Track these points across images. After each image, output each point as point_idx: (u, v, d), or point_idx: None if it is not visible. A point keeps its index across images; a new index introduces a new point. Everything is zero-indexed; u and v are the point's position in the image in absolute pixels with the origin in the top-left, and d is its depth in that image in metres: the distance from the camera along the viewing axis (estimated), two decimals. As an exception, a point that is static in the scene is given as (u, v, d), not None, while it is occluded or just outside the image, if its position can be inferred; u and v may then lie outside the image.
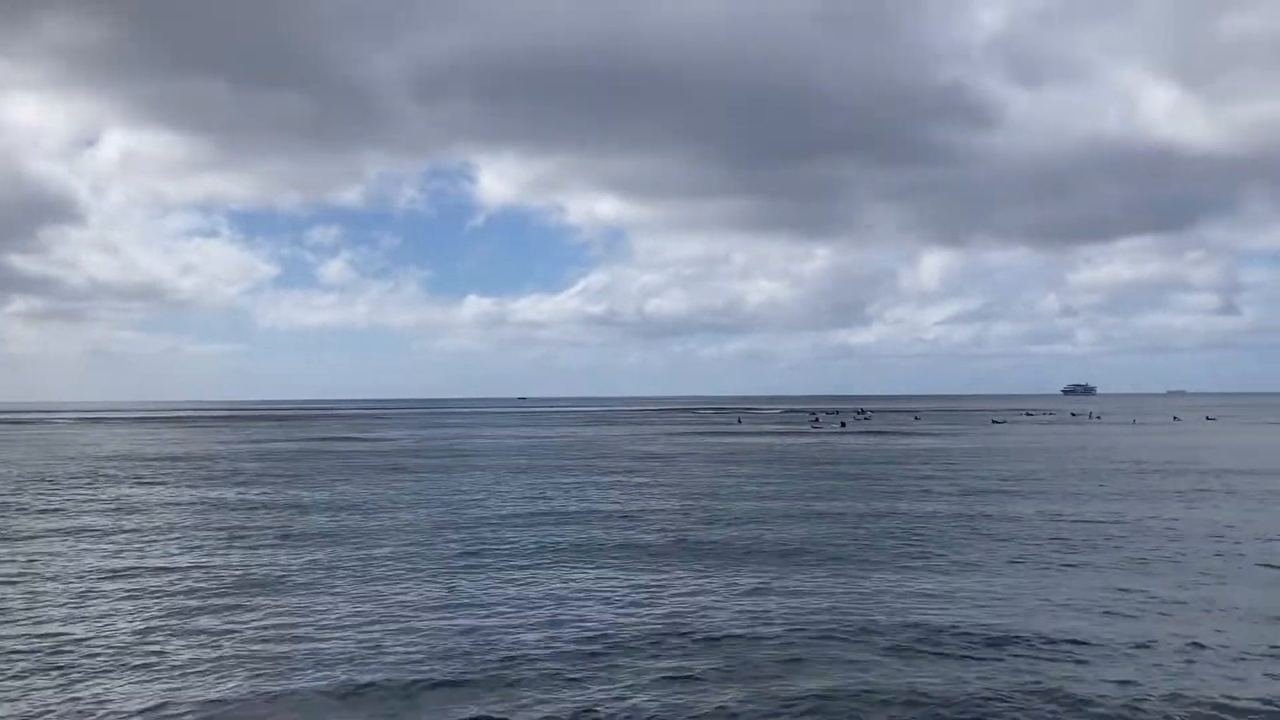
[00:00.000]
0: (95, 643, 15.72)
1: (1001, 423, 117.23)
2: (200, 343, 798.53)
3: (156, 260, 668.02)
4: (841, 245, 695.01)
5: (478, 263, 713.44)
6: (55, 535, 27.59)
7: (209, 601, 18.61)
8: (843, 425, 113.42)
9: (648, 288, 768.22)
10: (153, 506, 34.40)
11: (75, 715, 12.49)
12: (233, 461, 57.84)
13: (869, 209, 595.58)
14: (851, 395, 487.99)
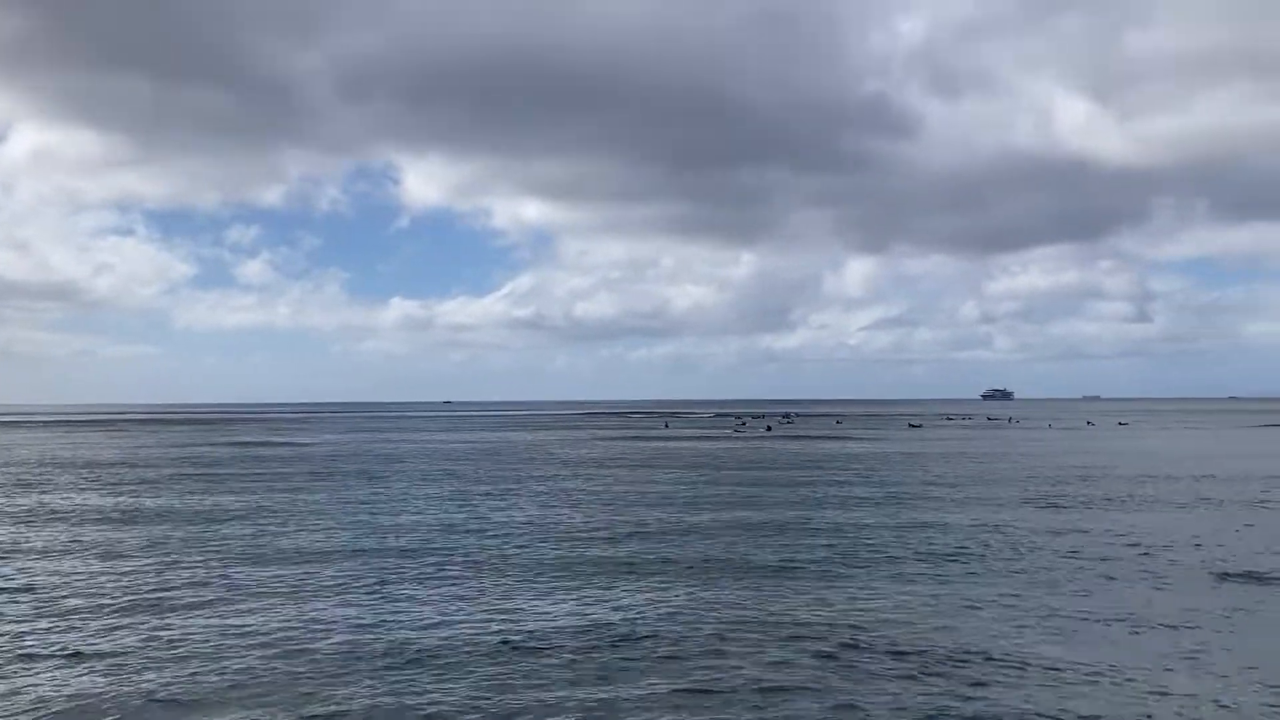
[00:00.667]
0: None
1: (918, 426, 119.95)
2: (116, 344, 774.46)
3: (70, 260, 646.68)
4: (767, 251, 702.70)
5: (402, 265, 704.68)
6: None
7: (89, 623, 17.73)
8: (768, 429, 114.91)
9: (575, 291, 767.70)
10: (59, 516, 33.28)
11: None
12: (146, 468, 56.27)
13: (794, 215, 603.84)
14: (778, 399, 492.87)
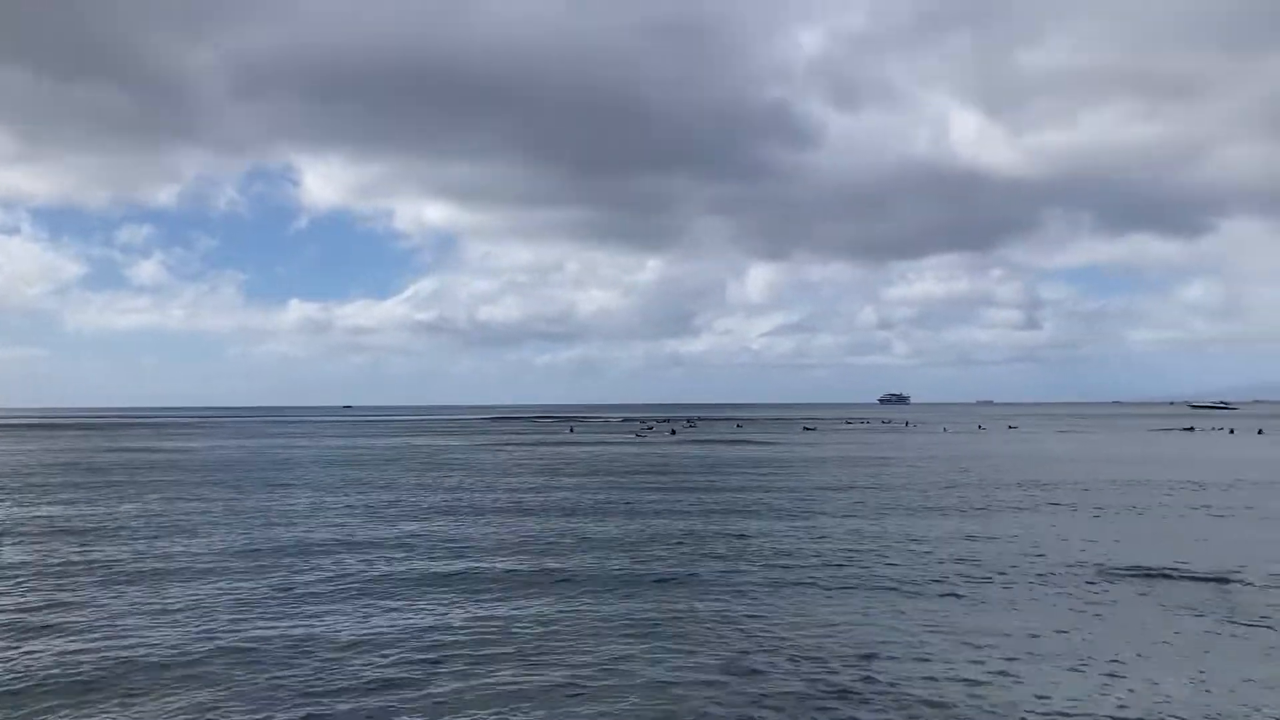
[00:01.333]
0: None
1: (812, 429, 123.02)
2: (0, 346, 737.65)
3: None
4: (672, 257, 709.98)
5: (301, 267, 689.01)
6: None
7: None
8: (672, 433, 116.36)
9: (480, 295, 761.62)
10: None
11: None
12: (22, 476, 53.77)
13: (698, 222, 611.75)
14: (683, 404, 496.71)
